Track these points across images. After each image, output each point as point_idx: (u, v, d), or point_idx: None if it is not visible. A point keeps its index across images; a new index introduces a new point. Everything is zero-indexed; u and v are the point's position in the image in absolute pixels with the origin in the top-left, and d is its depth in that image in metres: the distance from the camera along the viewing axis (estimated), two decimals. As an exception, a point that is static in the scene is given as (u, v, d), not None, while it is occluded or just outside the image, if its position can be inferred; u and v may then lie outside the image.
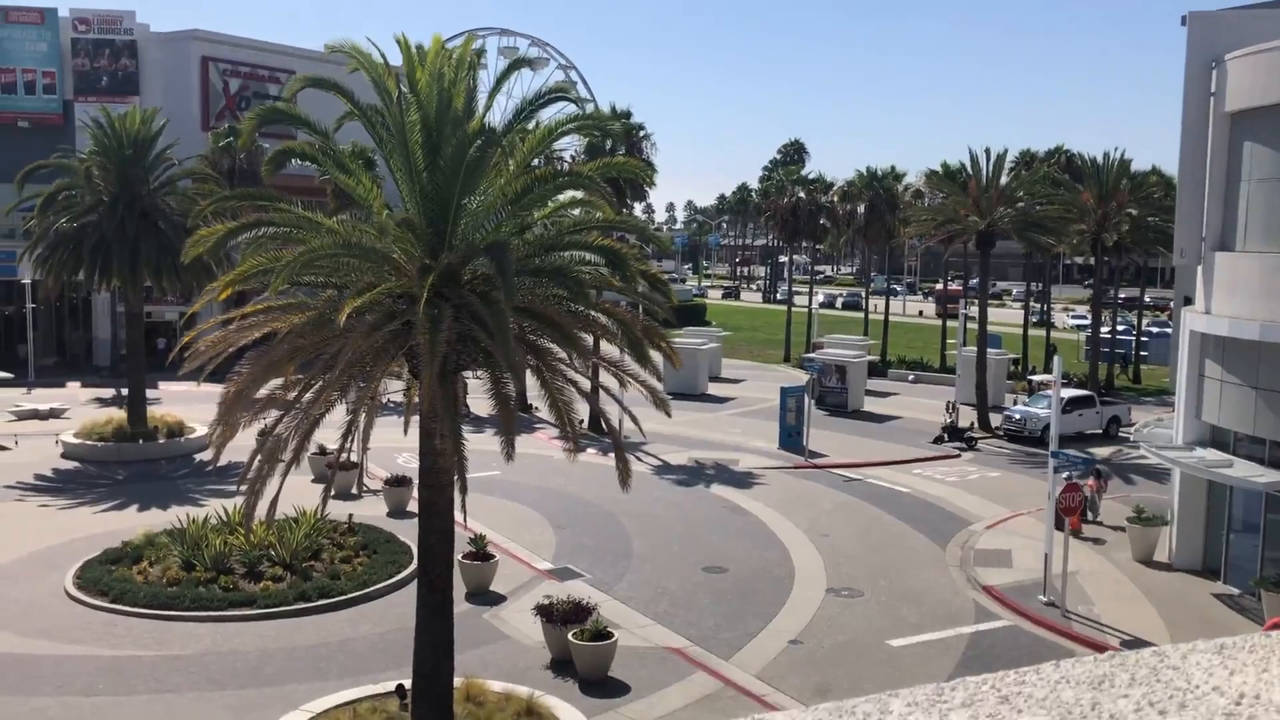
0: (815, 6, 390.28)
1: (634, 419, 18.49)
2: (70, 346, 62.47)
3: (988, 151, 45.89)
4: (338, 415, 16.47)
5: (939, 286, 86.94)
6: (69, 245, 37.37)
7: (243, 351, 16.20)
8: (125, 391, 40.49)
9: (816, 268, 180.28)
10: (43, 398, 47.89)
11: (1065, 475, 24.85)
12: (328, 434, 17.27)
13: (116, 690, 19.61)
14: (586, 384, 17.18)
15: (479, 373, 16.21)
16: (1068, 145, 75.09)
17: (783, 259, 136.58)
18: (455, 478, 15.65)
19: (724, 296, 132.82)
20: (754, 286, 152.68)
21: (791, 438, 41.88)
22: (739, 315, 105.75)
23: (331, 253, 14.81)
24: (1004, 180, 46.25)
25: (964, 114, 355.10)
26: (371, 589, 24.67)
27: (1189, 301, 28.21)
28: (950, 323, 64.76)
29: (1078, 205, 49.24)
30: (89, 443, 38.01)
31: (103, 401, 48.84)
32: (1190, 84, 27.12)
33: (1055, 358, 27.97)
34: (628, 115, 44.58)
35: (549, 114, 17.36)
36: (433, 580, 17.08)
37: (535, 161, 17.67)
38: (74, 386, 53.26)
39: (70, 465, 36.86)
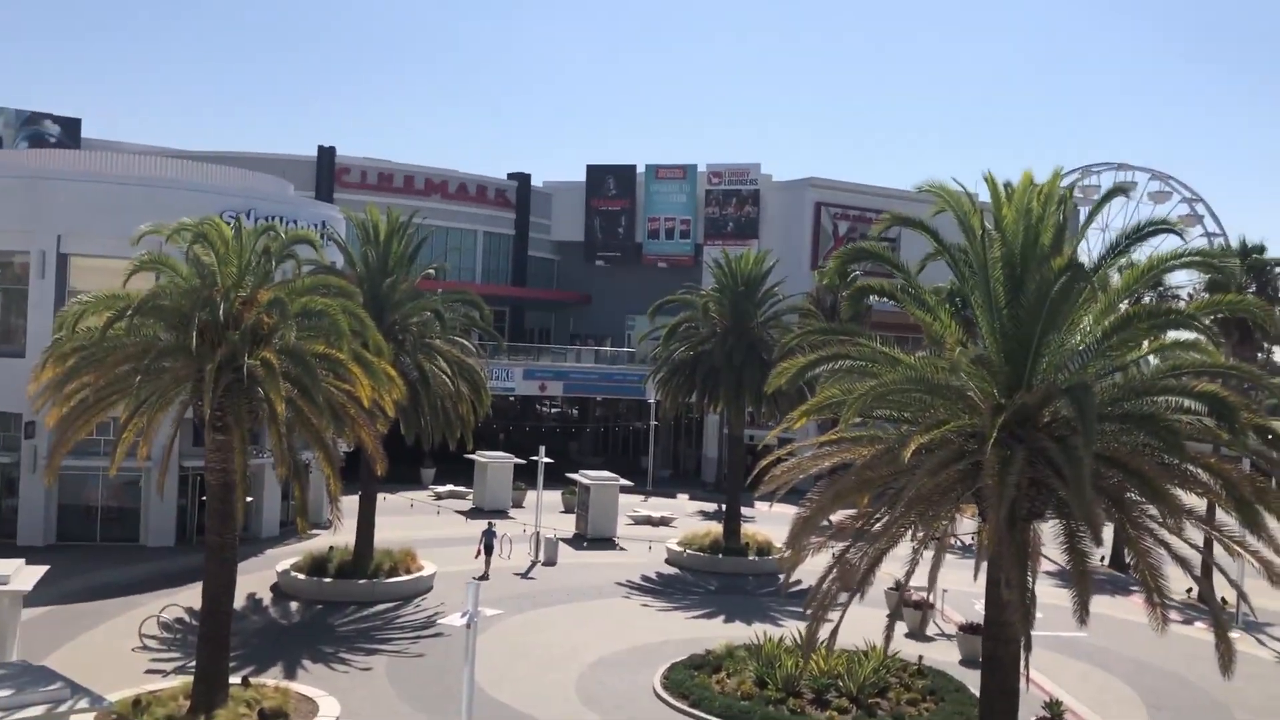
0: None
1: (1242, 594, 15.94)
2: (683, 461, 69.39)
3: None
4: (899, 552, 16.28)
5: None
6: (685, 371, 41.79)
7: (820, 478, 16.74)
8: (724, 507, 43.73)
9: None
10: (656, 506, 53.48)
11: None
12: (894, 568, 17.09)
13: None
14: (1184, 546, 15.22)
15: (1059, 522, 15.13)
16: None
17: None
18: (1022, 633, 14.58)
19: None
20: None
21: None
22: None
23: (902, 388, 14.87)
24: None
25: None
26: (935, 738, 23.68)
27: None
28: None
29: None
30: (689, 552, 41.50)
31: (705, 514, 53.26)
32: None
33: None
34: (1261, 250, 39.83)
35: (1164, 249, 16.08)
36: (997, 742, 15.96)
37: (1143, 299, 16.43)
38: (683, 498, 58.82)
39: (671, 570, 40.47)
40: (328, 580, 33.75)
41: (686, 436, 69.60)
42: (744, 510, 44.56)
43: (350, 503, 34.49)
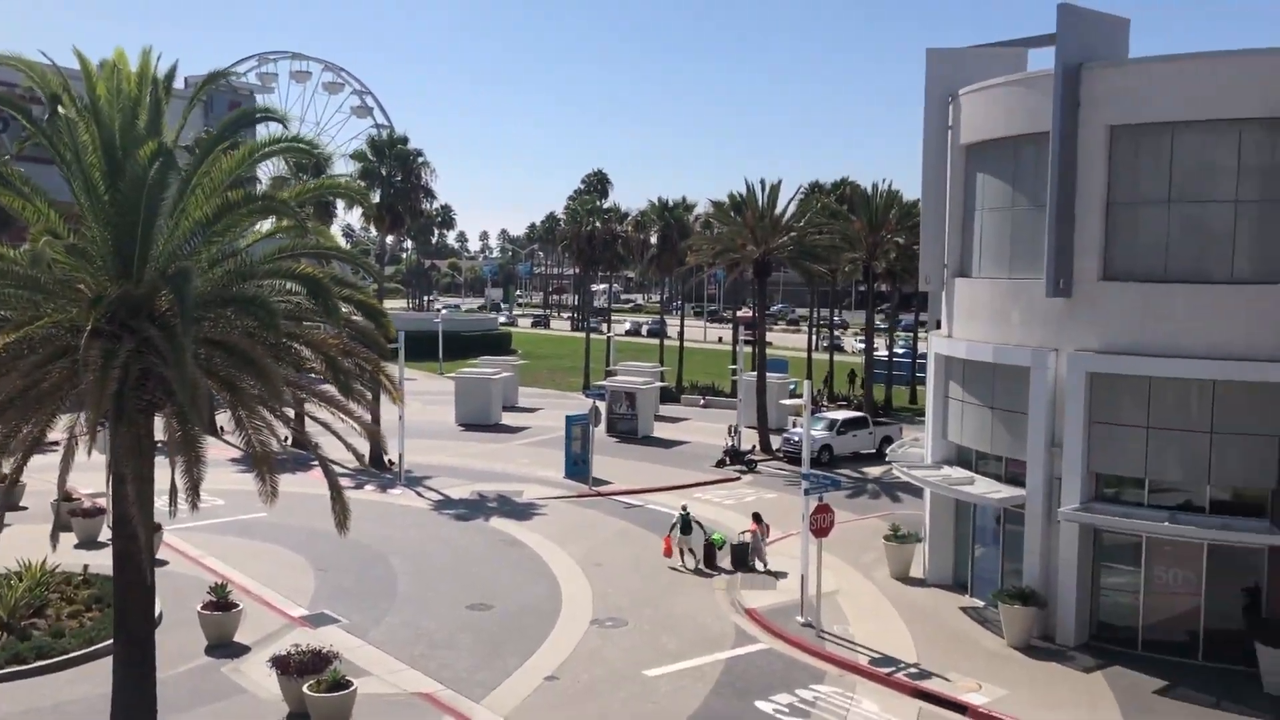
0: (623, 40, 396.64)
1: (351, 449, 17.44)
2: None
3: (763, 182, 47.23)
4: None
5: (741, 313, 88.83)
6: None
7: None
8: None
9: (627, 296, 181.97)
10: None
11: (818, 496, 25.28)
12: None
13: None
14: (306, 420, 16.27)
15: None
16: (854, 178, 78.05)
17: (596, 287, 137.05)
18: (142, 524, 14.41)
19: (534, 325, 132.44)
20: (565, 315, 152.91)
21: (577, 466, 41.58)
22: (546, 343, 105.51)
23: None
24: (779, 210, 47.54)
25: (768, 148, 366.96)
26: (98, 646, 22.72)
27: (938, 326, 29.33)
28: (747, 348, 66.17)
29: (850, 234, 51.07)
30: None
31: None
32: (930, 117, 28.28)
33: (805, 382, 28.57)
34: (404, 141, 43.62)
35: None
36: (130, 636, 15.75)
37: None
38: None
39: None
40: None
41: None
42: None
43: None
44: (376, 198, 43.79)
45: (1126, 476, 23.48)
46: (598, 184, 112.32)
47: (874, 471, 43.19)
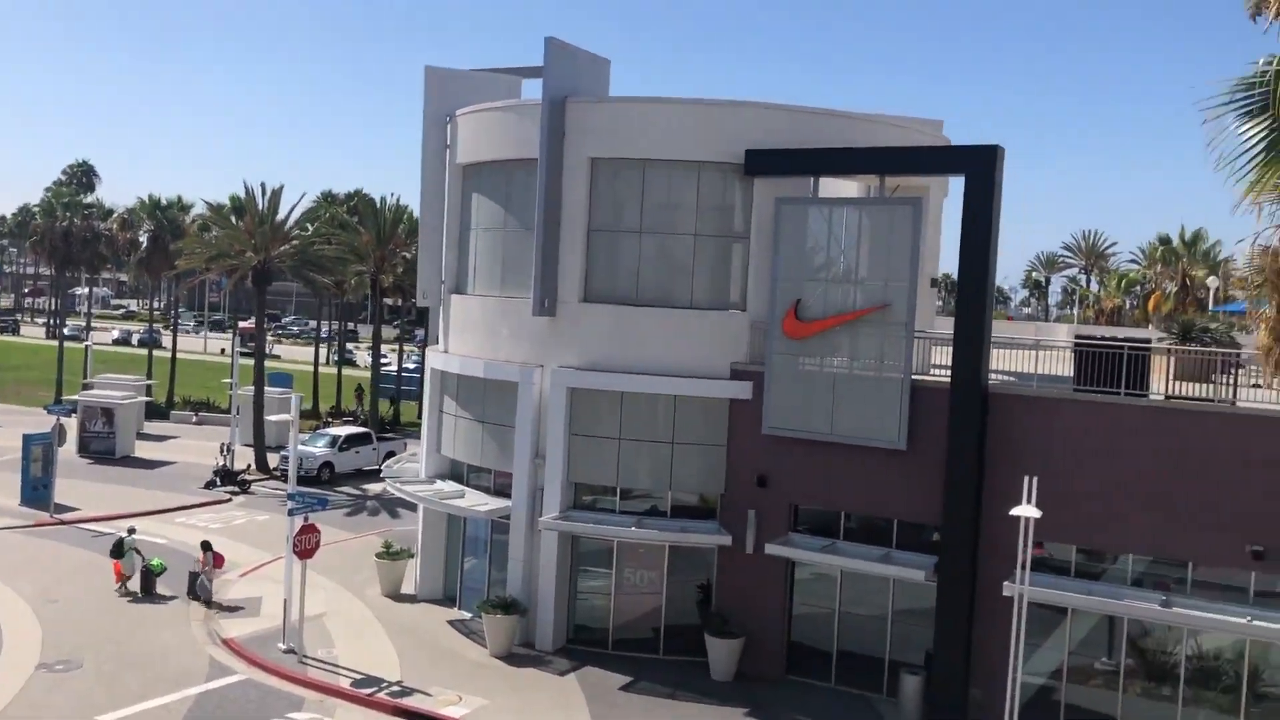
0: (118, 25, 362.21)
1: None
2: None
3: (263, 186, 44.89)
4: None
5: (244, 323, 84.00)
6: None
7: None
8: None
9: (119, 301, 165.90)
10: None
11: (304, 516, 24.26)
12: None
13: None
14: None
15: None
16: (370, 190, 76.91)
17: (80, 290, 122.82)
18: None
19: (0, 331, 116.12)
20: (41, 321, 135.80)
21: (36, 491, 36.90)
22: (15, 352, 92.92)
23: None
24: (281, 216, 45.40)
25: (284, 154, 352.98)
26: None
27: (437, 341, 29.48)
28: (249, 361, 62.50)
29: (359, 247, 50.19)
30: None
31: None
32: (428, 135, 28.44)
33: (293, 397, 27.40)
34: None
35: None
36: None
37: None
38: None
39: None
40: None
41: None
42: None
43: None
44: None
45: (602, 485, 25.03)
46: (82, 176, 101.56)
47: (375, 488, 42.57)
